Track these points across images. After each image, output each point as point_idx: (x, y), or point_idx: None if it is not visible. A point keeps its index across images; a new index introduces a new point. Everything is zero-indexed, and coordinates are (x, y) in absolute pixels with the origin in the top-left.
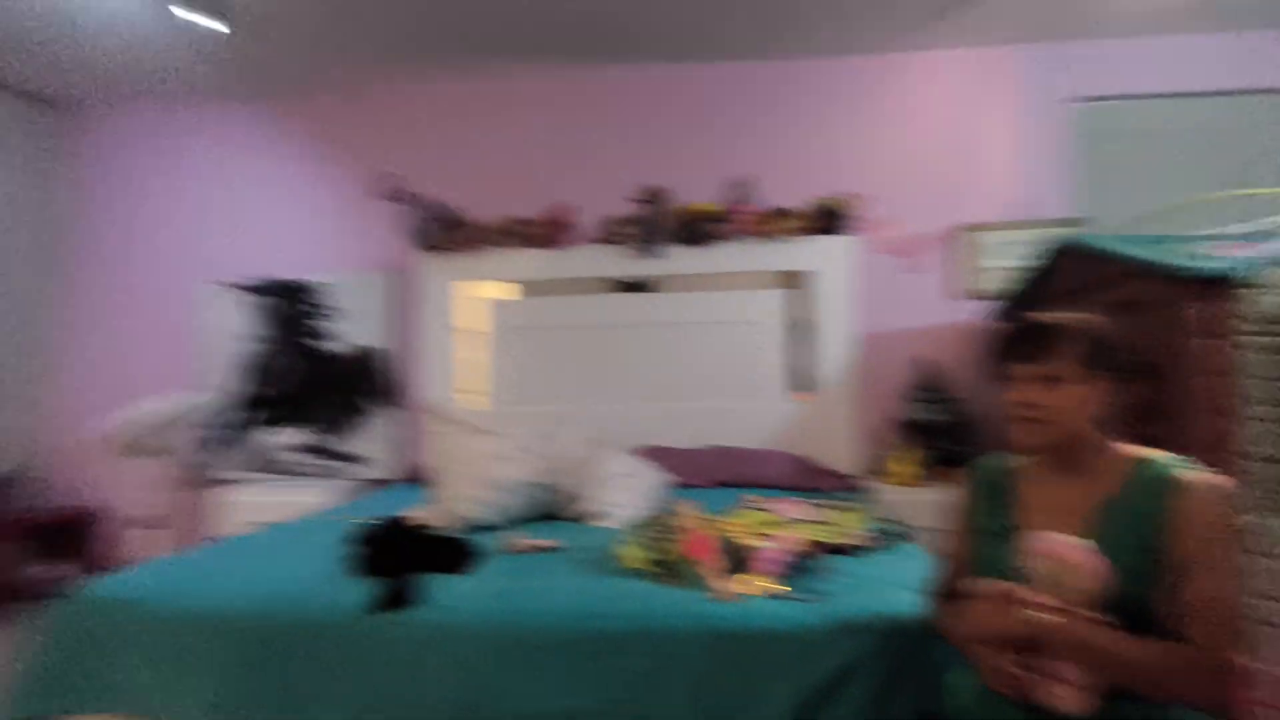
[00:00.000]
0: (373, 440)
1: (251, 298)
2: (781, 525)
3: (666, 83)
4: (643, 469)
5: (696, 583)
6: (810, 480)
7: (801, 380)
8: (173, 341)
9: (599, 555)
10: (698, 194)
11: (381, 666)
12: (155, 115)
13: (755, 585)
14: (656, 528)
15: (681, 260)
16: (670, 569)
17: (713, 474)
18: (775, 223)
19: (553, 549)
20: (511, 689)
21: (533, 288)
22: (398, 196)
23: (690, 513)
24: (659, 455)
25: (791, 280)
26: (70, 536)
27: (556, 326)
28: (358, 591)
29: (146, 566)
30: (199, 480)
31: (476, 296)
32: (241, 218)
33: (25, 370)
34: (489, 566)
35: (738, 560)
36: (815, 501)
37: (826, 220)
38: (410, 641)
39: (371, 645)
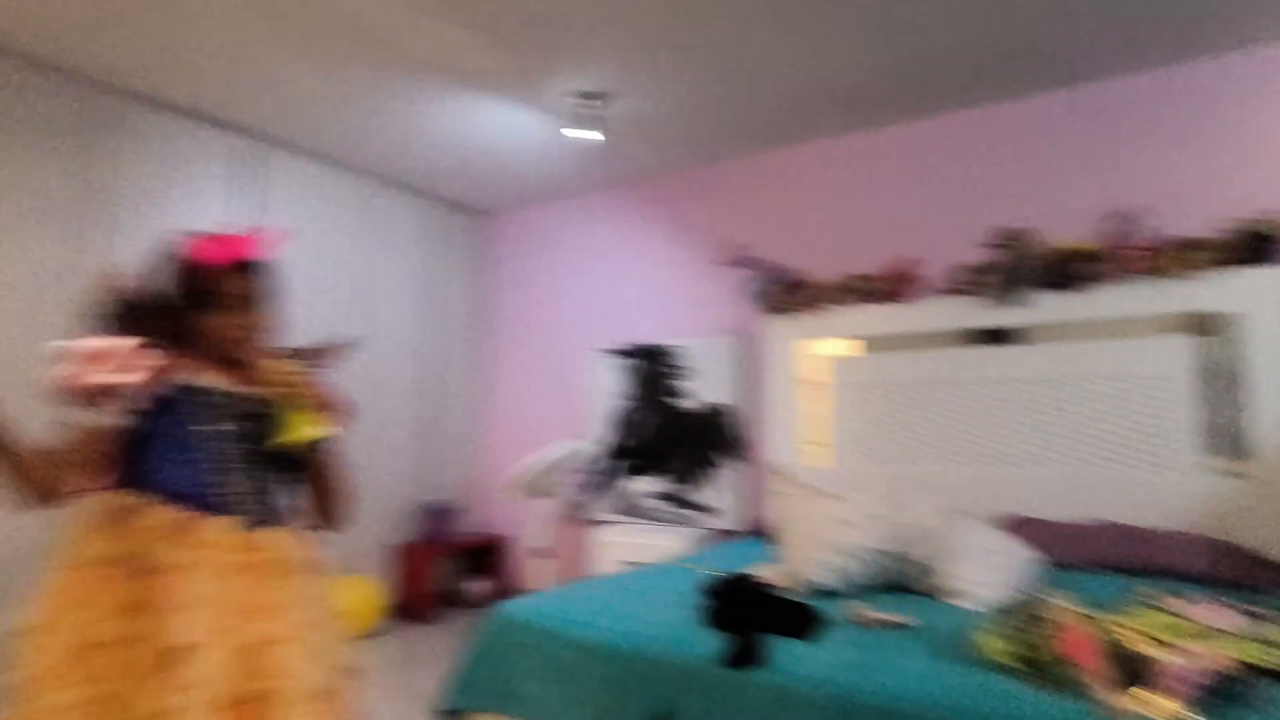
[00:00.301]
0: (722, 492)
1: (621, 360)
2: (1195, 633)
3: (1020, 116)
4: (1007, 543)
5: (1075, 690)
6: (1238, 574)
7: (1224, 445)
8: (566, 399)
9: (954, 639)
10: (1065, 232)
11: (732, 717)
12: (544, 211)
13: (1159, 707)
14: (1024, 616)
15: (1049, 307)
16: (1040, 668)
17: (1096, 555)
18: (1177, 257)
19: (902, 625)
20: None
21: (876, 344)
22: (743, 263)
23: (1067, 603)
24: (1027, 528)
25: (1201, 324)
26: (488, 558)
27: (904, 383)
28: (715, 642)
29: (544, 595)
30: (581, 518)
31: (820, 355)
32: (621, 289)
33: (463, 423)
34: (833, 635)
35: (1131, 671)
36: (1247, 607)
37: (1253, 248)
38: (760, 699)
39: (725, 695)
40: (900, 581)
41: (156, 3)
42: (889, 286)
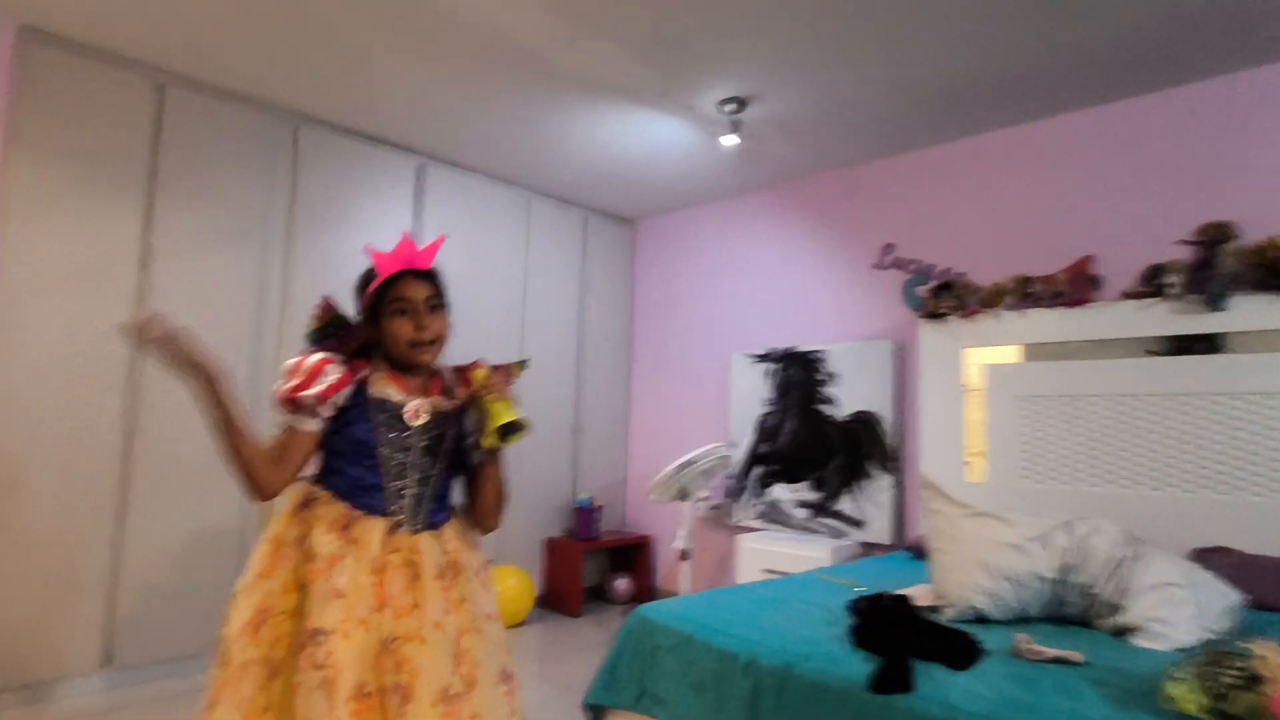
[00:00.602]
0: (870, 505)
1: (767, 365)
2: None
3: (1220, 94)
4: (1201, 578)
5: None
6: None
7: None
8: (709, 403)
9: (1136, 685)
10: (1276, 226)
11: None
12: (688, 217)
13: None
14: (1223, 664)
15: (1255, 312)
16: None
17: None
18: None
19: (1071, 663)
20: None
21: (1038, 351)
22: (896, 264)
23: (1277, 652)
24: (1222, 560)
25: None
26: (633, 557)
27: (1074, 395)
28: (863, 664)
29: (685, 600)
30: (723, 523)
31: (981, 363)
32: (763, 293)
33: (611, 425)
34: (991, 667)
35: None
36: None
37: None
38: None
39: None
40: (1068, 614)
41: (331, 41)
42: (1062, 289)
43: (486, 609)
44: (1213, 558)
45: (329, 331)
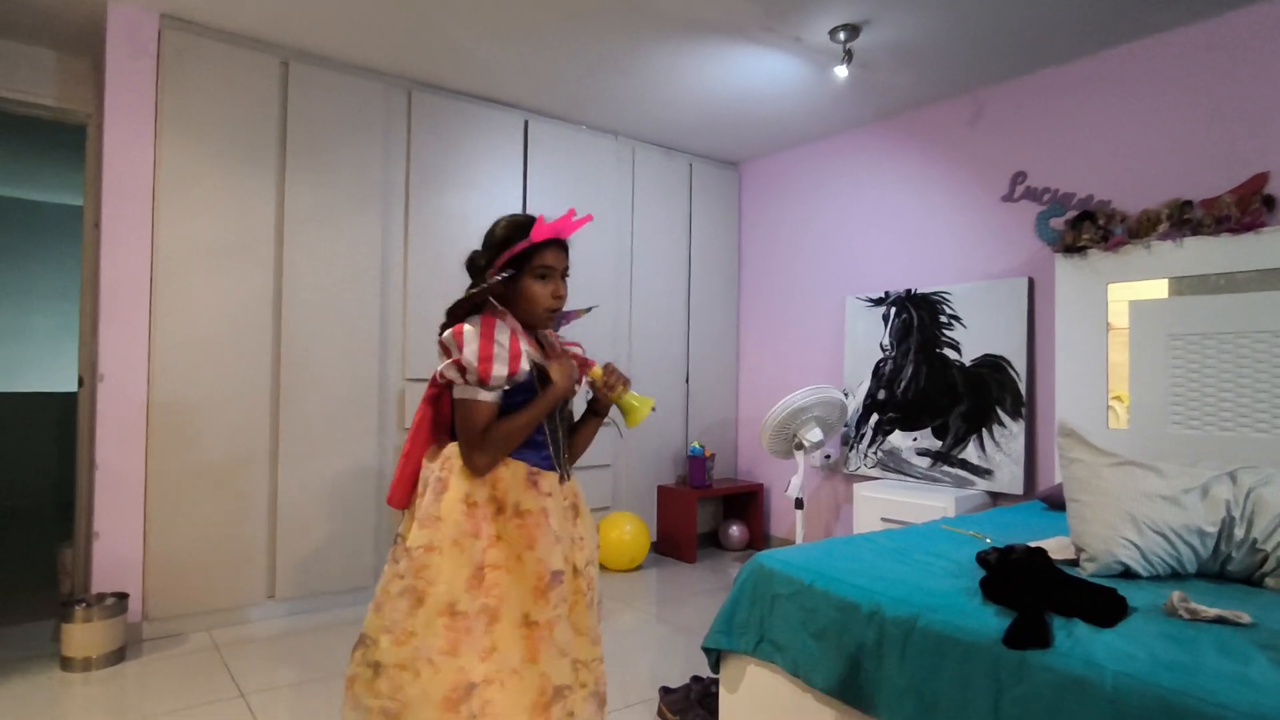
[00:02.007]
0: (1001, 453)
1: (885, 309)
2: None
3: None
4: None
5: None
6: None
7: None
8: (824, 348)
9: None
10: None
11: (1014, 702)
12: (796, 156)
13: None
14: None
15: None
16: None
17: None
18: None
19: (1237, 624)
20: None
21: (1187, 285)
22: (1030, 195)
23: None
24: None
25: None
26: (747, 505)
27: (1237, 332)
28: (994, 617)
29: (805, 548)
30: (838, 470)
31: (1127, 300)
32: (878, 233)
33: (725, 373)
34: (1139, 625)
35: None
36: None
37: None
38: (1048, 687)
39: (1006, 676)
40: (1231, 572)
41: (437, 3)
42: (1228, 212)
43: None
44: None
45: (477, 300)
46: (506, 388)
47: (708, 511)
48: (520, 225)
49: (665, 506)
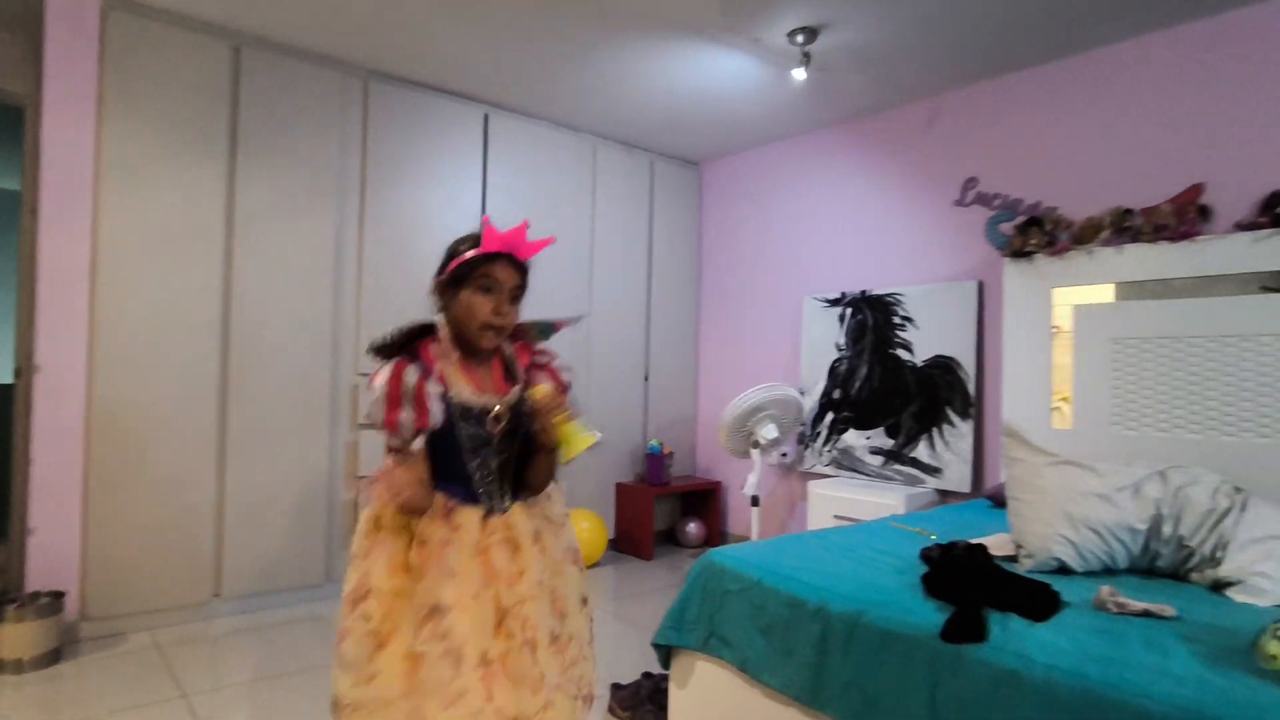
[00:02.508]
0: (950, 452)
1: (841, 310)
2: None
3: None
4: None
5: None
6: None
7: None
8: (780, 349)
9: (1232, 641)
10: None
11: (951, 695)
12: (756, 157)
13: None
14: None
15: None
16: None
17: None
18: None
19: (1161, 617)
20: None
21: (1130, 290)
22: (981, 200)
23: None
24: None
25: None
26: (704, 503)
27: (1170, 336)
28: (934, 613)
29: (755, 545)
30: (793, 469)
31: (1065, 304)
32: (835, 235)
33: (683, 372)
34: (1071, 620)
35: None
36: None
37: None
38: (982, 680)
39: (943, 670)
40: (1159, 568)
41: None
42: (1166, 221)
43: (560, 554)
44: None
45: (400, 344)
46: (421, 438)
47: (665, 509)
48: (474, 237)
49: (623, 504)
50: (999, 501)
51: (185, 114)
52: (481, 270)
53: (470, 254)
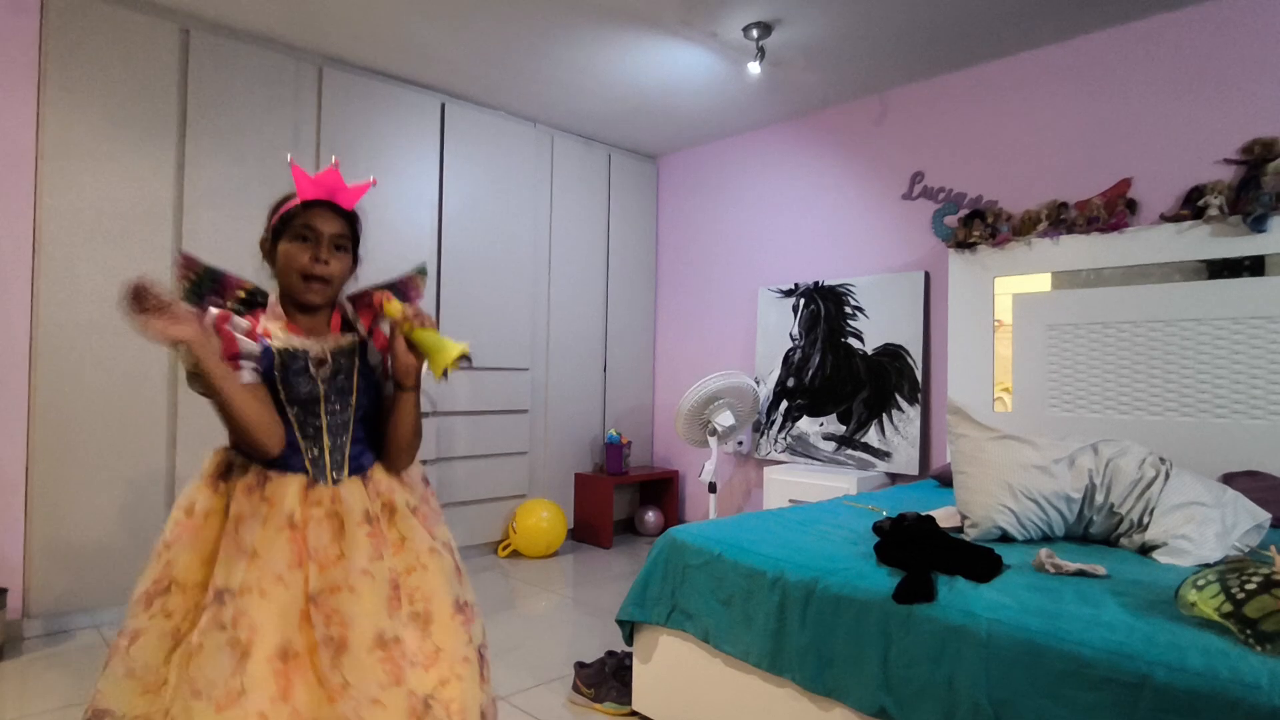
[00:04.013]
0: (899, 437)
1: (795, 300)
2: None
3: (1264, 4)
4: (1230, 498)
5: None
6: None
7: None
8: (737, 339)
9: (1156, 595)
10: None
11: (902, 652)
12: (712, 151)
13: None
14: (1244, 571)
15: None
16: (1257, 631)
17: None
18: None
19: (1094, 575)
20: (1031, 712)
21: (1066, 279)
22: (927, 194)
23: None
24: (1257, 484)
25: None
26: (662, 491)
27: (1105, 322)
28: (886, 578)
29: (715, 522)
30: (749, 456)
31: (1006, 292)
32: (789, 227)
33: (641, 362)
34: (1012, 580)
35: None
36: None
37: None
38: (932, 636)
39: (895, 629)
40: (1092, 534)
41: None
42: (1097, 214)
43: (429, 543)
44: (1243, 480)
45: (204, 288)
46: (246, 371)
47: (624, 498)
48: (294, 190)
49: (582, 493)
50: (945, 481)
51: (132, 96)
52: (299, 220)
53: (288, 205)
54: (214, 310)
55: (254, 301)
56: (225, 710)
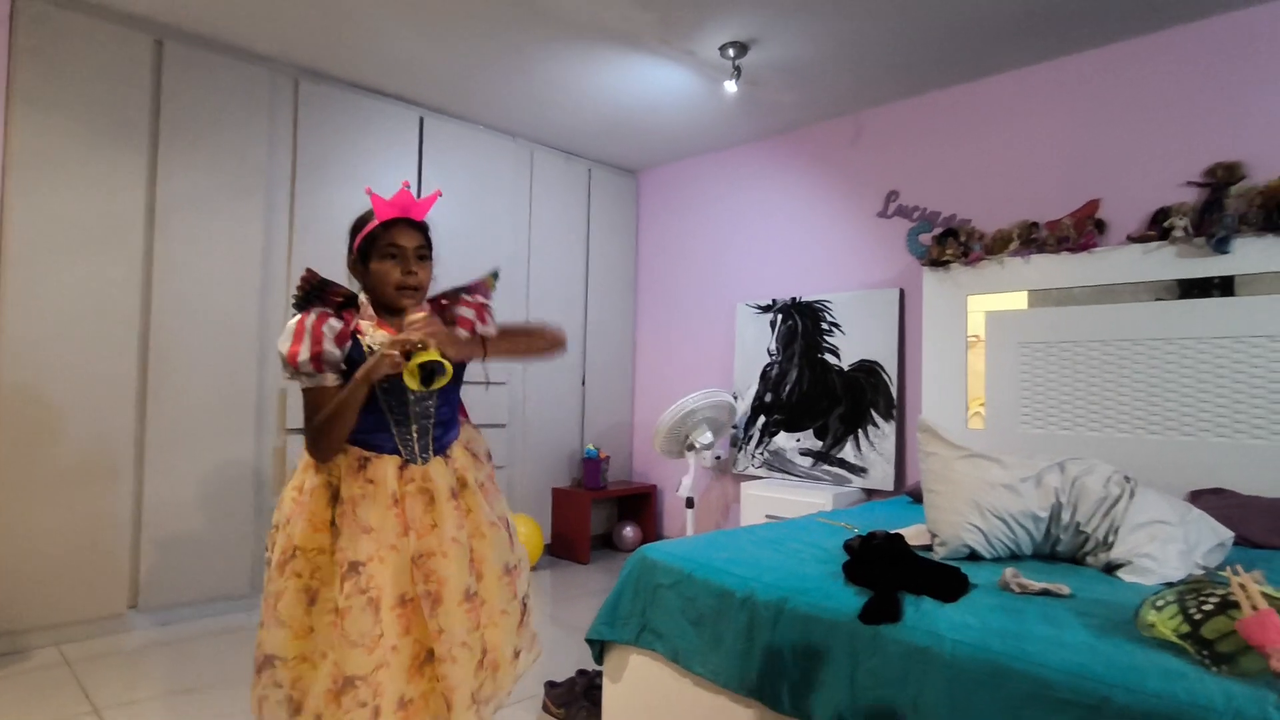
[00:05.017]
0: (875, 453)
1: (772, 316)
2: None
3: (1227, 32)
4: (1194, 517)
5: (1257, 678)
6: None
7: None
8: (714, 354)
9: (1119, 615)
10: None
11: (869, 673)
12: (691, 167)
13: None
14: (1202, 592)
15: (1263, 254)
16: (1214, 652)
17: None
18: None
19: (1058, 595)
20: None
21: (1040, 298)
22: (902, 212)
23: (1254, 583)
24: (1222, 503)
25: None
26: (640, 506)
27: (1074, 341)
28: (854, 598)
29: (685, 540)
30: (727, 472)
31: (984, 311)
32: (767, 244)
33: (619, 377)
34: (978, 600)
35: None
36: None
37: None
38: (897, 657)
39: (861, 649)
40: (1059, 552)
41: None
42: (1067, 234)
43: (490, 516)
44: (1208, 498)
45: (313, 297)
46: (329, 373)
47: (602, 513)
48: (369, 212)
49: (560, 508)
50: (917, 497)
51: (103, 106)
52: (383, 240)
53: (370, 226)
54: (314, 314)
55: (349, 303)
56: (374, 651)
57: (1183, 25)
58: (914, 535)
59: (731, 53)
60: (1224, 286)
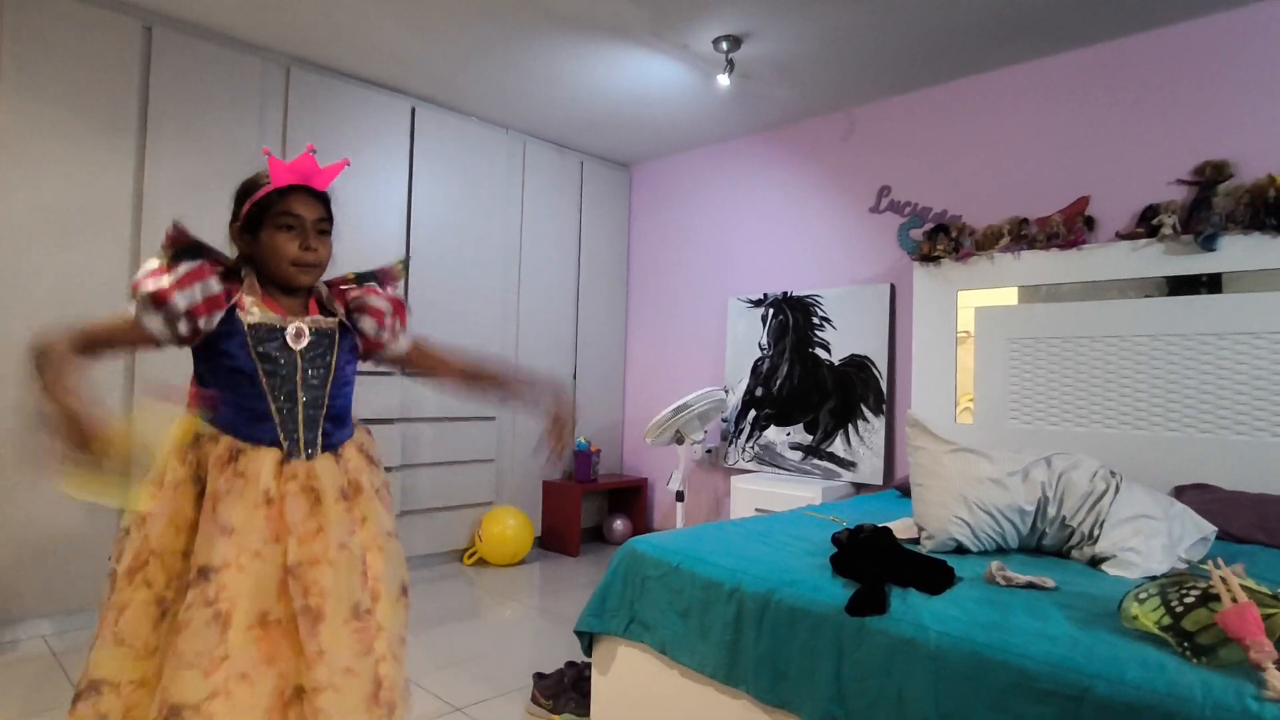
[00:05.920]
0: (864, 447)
1: (761, 310)
2: None
3: (1216, 32)
4: (1178, 511)
5: (1236, 670)
6: None
7: None
8: (705, 348)
9: (1102, 607)
10: (1276, 165)
11: (854, 664)
12: (684, 161)
13: None
14: (1184, 585)
15: (1251, 252)
16: (1194, 643)
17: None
18: None
19: (1043, 588)
20: None
21: (1030, 294)
22: (893, 208)
23: (1234, 576)
24: (1206, 497)
25: None
26: (631, 499)
27: (1063, 337)
28: (841, 590)
29: (674, 533)
30: (717, 465)
31: (974, 306)
32: (759, 238)
33: (610, 370)
34: (964, 592)
35: None
36: None
37: None
38: (882, 649)
39: (847, 641)
40: (1045, 546)
41: None
42: (1057, 230)
43: (387, 526)
44: (1192, 494)
45: (183, 256)
46: (158, 318)
47: (593, 506)
48: (262, 174)
49: (550, 501)
50: (906, 491)
51: (91, 91)
52: (278, 207)
53: (262, 192)
54: (202, 261)
55: (231, 275)
56: (211, 675)
57: (1172, 25)
58: (902, 529)
59: (725, 46)
60: (1211, 284)
